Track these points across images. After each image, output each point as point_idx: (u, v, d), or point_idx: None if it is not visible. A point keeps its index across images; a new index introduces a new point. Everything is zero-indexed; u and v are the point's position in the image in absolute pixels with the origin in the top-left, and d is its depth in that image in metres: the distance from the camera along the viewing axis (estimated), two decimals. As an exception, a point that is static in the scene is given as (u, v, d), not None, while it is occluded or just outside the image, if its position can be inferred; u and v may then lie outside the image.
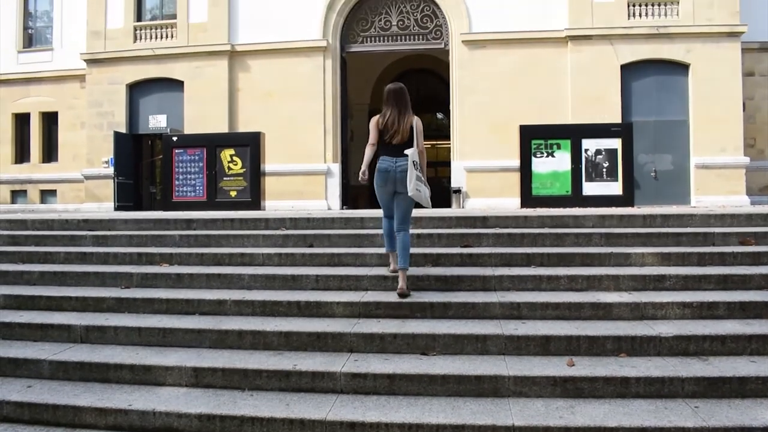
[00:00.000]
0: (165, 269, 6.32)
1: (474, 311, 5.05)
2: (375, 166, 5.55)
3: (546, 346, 4.49)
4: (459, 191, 15.74)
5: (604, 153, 12.31)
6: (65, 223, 8.32)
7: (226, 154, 13.03)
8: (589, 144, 12.35)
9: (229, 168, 12.98)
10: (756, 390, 3.94)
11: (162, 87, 17.37)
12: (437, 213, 8.06)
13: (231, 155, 13.01)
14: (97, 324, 5.17)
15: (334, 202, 16.32)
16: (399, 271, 5.38)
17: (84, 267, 6.62)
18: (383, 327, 4.80)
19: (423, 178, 5.41)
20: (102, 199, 17.00)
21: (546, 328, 4.68)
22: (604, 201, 11.86)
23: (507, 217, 7.37)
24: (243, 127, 16.32)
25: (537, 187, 12.34)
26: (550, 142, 12.41)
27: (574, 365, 4.20)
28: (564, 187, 12.30)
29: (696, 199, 14.84)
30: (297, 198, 15.71)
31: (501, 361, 4.33)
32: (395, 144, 5.39)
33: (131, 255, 6.79)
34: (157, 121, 17.36)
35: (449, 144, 16.75)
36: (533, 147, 12.39)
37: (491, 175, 15.37)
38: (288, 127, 16.03)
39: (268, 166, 13.80)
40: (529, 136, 12.49)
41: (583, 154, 12.32)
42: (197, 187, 13.09)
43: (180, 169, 13.18)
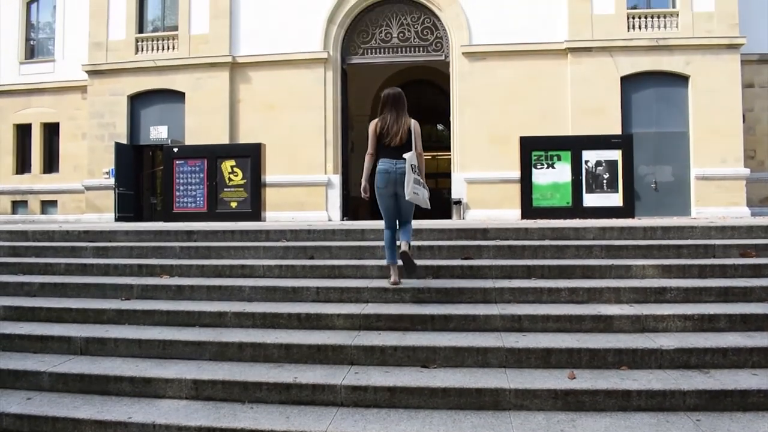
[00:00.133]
0: (165, 281, 6.31)
1: (475, 323, 5.04)
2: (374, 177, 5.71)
3: (547, 358, 4.47)
4: (459, 202, 15.76)
5: (604, 164, 12.34)
6: (66, 235, 8.32)
7: (226, 165, 13.06)
8: (590, 155, 12.40)
9: (230, 179, 13.02)
10: (758, 403, 3.92)
11: (163, 98, 17.45)
12: (438, 225, 8.06)
13: (232, 166, 13.04)
14: (98, 336, 5.16)
15: (334, 213, 16.34)
16: (402, 243, 5.57)
17: (84, 278, 6.61)
18: (384, 339, 4.79)
19: (422, 180, 5.57)
20: (102, 210, 17.03)
21: (547, 340, 4.67)
22: (604, 212, 11.88)
23: (507, 229, 7.36)
24: (244, 139, 16.36)
25: (537, 199, 12.37)
26: (550, 153, 12.45)
27: (575, 378, 4.18)
28: (564, 199, 12.32)
29: (696, 211, 14.85)
30: (297, 209, 15.72)
31: (502, 374, 4.31)
32: (394, 146, 5.55)
33: (132, 266, 6.78)
34: (158, 132, 17.42)
35: (449, 155, 16.79)
36: (533, 158, 12.43)
37: (492, 187, 15.40)
38: (289, 139, 16.08)
39: (268, 177, 13.84)
40: (530, 147, 12.53)
41: (584, 165, 12.35)
42: (198, 198, 13.11)
43: (181, 180, 13.21)
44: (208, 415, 4.04)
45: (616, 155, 12.37)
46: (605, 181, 12.28)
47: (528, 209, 12.34)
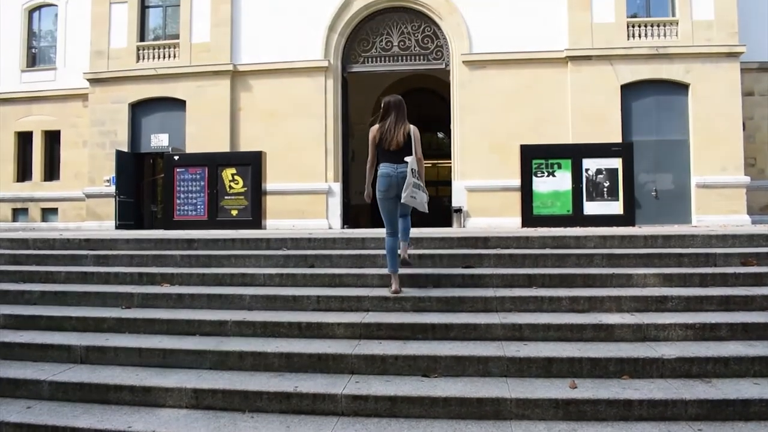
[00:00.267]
0: (166, 289, 6.30)
1: (476, 333, 5.02)
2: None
3: (548, 368, 4.46)
4: (460, 210, 15.76)
5: (604, 172, 12.34)
6: (66, 243, 8.32)
7: (227, 173, 13.08)
8: (590, 163, 12.40)
9: (231, 187, 13.02)
10: (760, 413, 3.90)
11: (164, 106, 17.49)
12: (438, 233, 8.06)
13: (232, 174, 13.06)
14: (98, 344, 5.15)
15: (335, 221, 16.34)
16: (401, 244, 5.86)
17: (85, 287, 6.60)
18: (384, 348, 4.78)
19: (421, 183, 5.69)
20: (103, 218, 17.03)
21: (548, 349, 4.66)
22: (605, 220, 11.87)
23: (508, 238, 7.36)
24: (244, 147, 16.38)
25: (538, 207, 12.36)
26: (550, 161, 12.46)
27: (576, 387, 4.17)
28: (565, 207, 12.32)
29: (697, 219, 14.85)
30: (298, 217, 15.71)
31: (503, 384, 4.30)
32: (393, 150, 5.67)
33: (132, 275, 6.78)
34: (159, 140, 17.45)
35: (450, 163, 16.81)
36: (534, 166, 12.43)
37: (492, 195, 15.41)
38: (289, 147, 16.10)
39: (269, 185, 13.84)
40: (530, 155, 12.54)
41: (584, 173, 12.36)
42: (198, 206, 13.11)
43: (181, 188, 13.22)
44: (208, 425, 4.02)
45: (616, 163, 12.37)
46: (606, 189, 12.29)
47: (528, 217, 12.34)
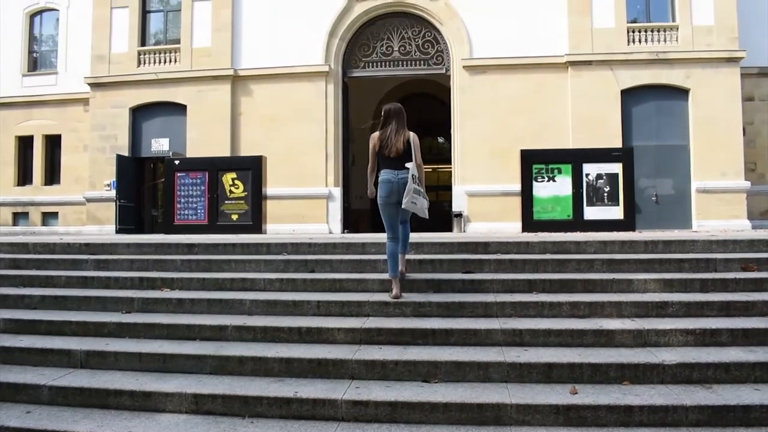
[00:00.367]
0: (166, 294, 6.30)
1: (476, 338, 5.02)
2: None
3: (548, 373, 4.46)
4: (460, 215, 15.76)
5: (605, 177, 12.36)
6: (67, 247, 8.31)
7: (227, 177, 13.08)
8: (590, 168, 12.42)
9: (231, 191, 13.03)
10: (760, 419, 3.90)
11: (165, 111, 17.49)
12: (439, 238, 8.06)
13: (233, 179, 13.06)
14: (98, 349, 5.15)
15: (335, 225, 16.33)
16: (399, 255, 5.92)
17: (85, 291, 6.60)
18: (385, 354, 4.77)
19: (422, 190, 5.78)
20: (103, 222, 17.02)
21: (548, 355, 4.65)
22: (605, 225, 11.88)
23: (509, 243, 7.35)
24: (245, 151, 16.37)
25: (538, 212, 12.37)
26: (551, 166, 12.47)
27: (577, 393, 4.16)
28: (565, 212, 12.32)
29: (697, 224, 14.84)
30: (298, 221, 15.69)
31: (503, 389, 4.30)
32: (393, 157, 5.75)
33: (133, 279, 6.78)
34: (160, 145, 17.45)
35: (450, 168, 16.81)
36: (534, 171, 12.45)
37: (492, 200, 15.39)
38: (290, 151, 16.10)
39: (269, 189, 13.84)
40: (530, 160, 12.56)
41: (584, 178, 12.38)
42: (199, 211, 13.11)
43: (182, 193, 13.22)
44: (208, 430, 4.02)
45: (616, 168, 12.39)
46: (606, 194, 12.29)
47: (529, 222, 12.34)
